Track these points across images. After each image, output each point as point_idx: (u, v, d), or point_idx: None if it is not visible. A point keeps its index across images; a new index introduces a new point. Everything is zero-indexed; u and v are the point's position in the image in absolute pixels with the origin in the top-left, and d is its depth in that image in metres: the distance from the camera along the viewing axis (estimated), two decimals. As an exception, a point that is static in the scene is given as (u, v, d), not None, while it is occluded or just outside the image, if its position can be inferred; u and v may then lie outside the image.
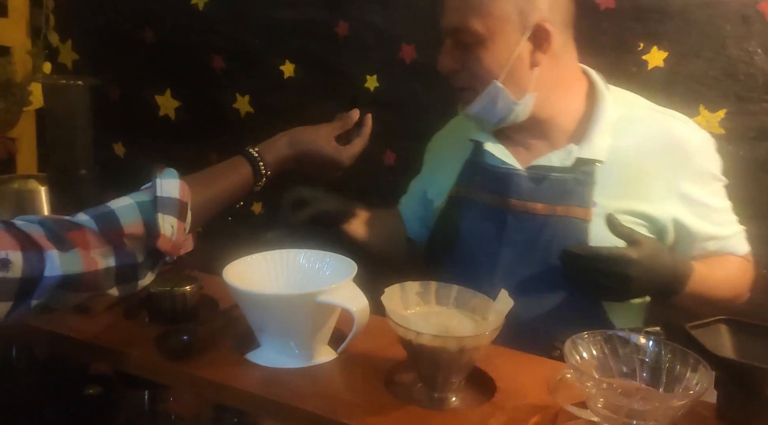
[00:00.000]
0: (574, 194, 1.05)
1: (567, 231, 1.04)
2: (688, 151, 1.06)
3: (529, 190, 1.08)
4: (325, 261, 0.92)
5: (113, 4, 1.82)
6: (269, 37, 1.70)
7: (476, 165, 1.15)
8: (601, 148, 1.05)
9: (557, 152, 1.08)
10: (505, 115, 1.08)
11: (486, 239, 1.10)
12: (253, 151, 0.92)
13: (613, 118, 1.07)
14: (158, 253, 0.75)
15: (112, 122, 1.86)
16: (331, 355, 0.87)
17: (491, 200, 1.11)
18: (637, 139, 1.06)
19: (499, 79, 1.04)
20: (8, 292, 0.65)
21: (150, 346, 0.84)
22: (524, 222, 1.07)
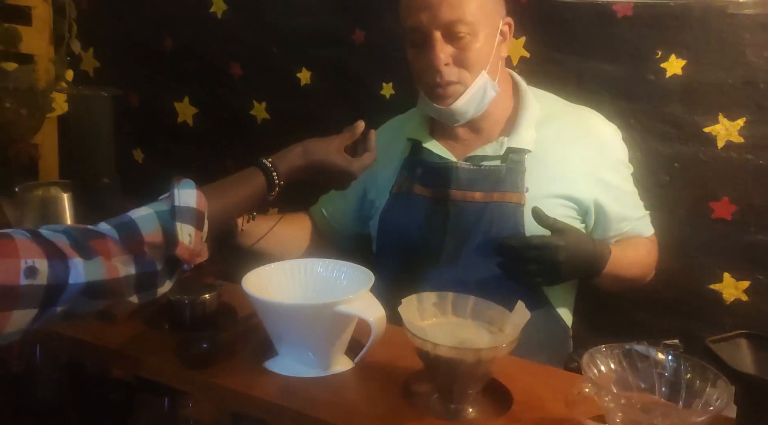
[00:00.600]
0: (507, 181, 1.15)
1: (504, 215, 1.14)
2: (602, 140, 1.19)
3: (467, 180, 1.17)
4: (342, 271, 0.93)
5: (134, 13, 1.84)
6: (286, 44, 1.71)
7: (415, 162, 1.24)
8: (528, 139, 1.17)
9: (491, 144, 1.19)
10: (484, 105, 1.16)
11: (430, 230, 1.18)
12: (267, 162, 0.94)
13: (536, 113, 1.19)
14: (176, 261, 0.77)
15: (132, 128, 1.89)
16: (348, 365, 0.87)
17: (432, 193, 1.20)
18: (558, 130, 1.18)
19: (485, 69, 1.13)
20: (35, 299, 0.66)
21: (170, 354, 0.85)
22: (465, 210, 1.16)
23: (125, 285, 0.74)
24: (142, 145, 1.97)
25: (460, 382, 0.77)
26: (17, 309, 0.65)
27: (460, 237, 1.16)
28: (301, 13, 1.67)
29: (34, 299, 0.66)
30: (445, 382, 0.78)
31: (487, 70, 1.13)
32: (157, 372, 0.86)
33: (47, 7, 1.70)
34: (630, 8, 1.34)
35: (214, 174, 1.91)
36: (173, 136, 1.89)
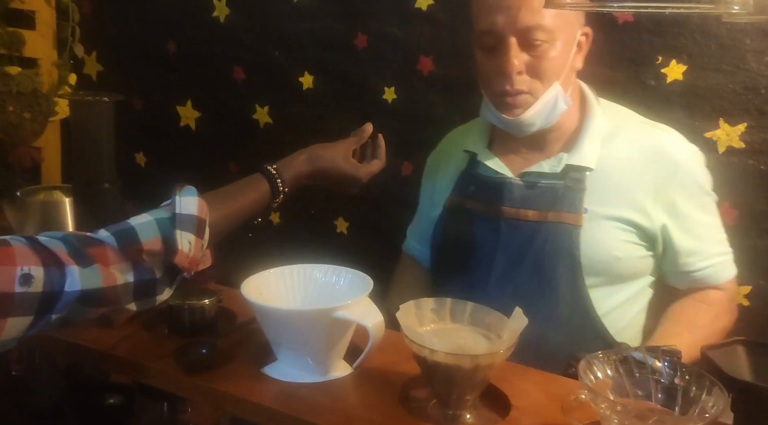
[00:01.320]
0: (564, 200, 1.07)
1: (558, 237, 1.06)
2: (677, 163, 1.08)
3: (521, 197, 1.10)
4: (341, 276, 0.93)
5: (137, 17, 1.85)
6: (289, 49, 1.72)
7: (470, 175, 1.18)
8: (590, 156, 1.08)
9: (548, 160, 1.11)
10: (553, 118, 1.08)
11: (481, 247, 1.13)
12: (271, 169, 0.93)
13: (603, 129, 1.10)
14: (176, 269, 0.77)
15: (134, 132, 1.90)
16: (346, 370, 0.88)
17: (485, 208, 1.14)
18: (627, 149, 1.09)
19: (559, 80, 1.05)
20: (30, 307, 0.66)
21: (169, 359, 0.86)
22: (517, 229, 1.10)
23: (123, 293, 0.73)
24: (145, 149, 1.98)
25: (458, 388, 0.77)
26: (12, 317, 0.65)
27: (511, 257, 1.10)
28: (304, 17, 1.67)
29: (29, 307, 0.66)
30: (443, 388, 0.78)
31: (560, 82, 1.06)
32: (156, 377, 0.86)
33: (51, 11, 1.72)
34: (630, 14, 1.34)
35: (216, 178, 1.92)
36: (176, 139, 1.90)
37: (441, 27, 1.55)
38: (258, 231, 0.95)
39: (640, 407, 0.70)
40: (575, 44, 1.07)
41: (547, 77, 1.04)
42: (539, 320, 1.03)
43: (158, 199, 0.87)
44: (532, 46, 1.02)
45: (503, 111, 1.08)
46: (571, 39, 1.06)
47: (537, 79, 1.05)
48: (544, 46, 1.02)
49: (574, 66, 1.09)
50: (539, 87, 1.05)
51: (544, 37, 1.02)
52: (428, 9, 1.55)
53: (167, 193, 0.84)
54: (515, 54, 1.02)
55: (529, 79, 1.05)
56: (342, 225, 1.76)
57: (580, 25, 1.08)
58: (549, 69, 1.04)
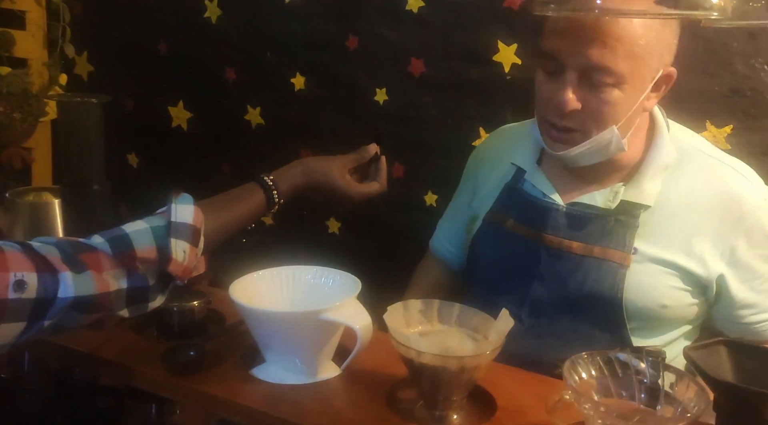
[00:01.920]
0: (613, 236, 0.99)
1: (602, 274, 0.99)
2: (744, 209, 0.98)
3: (567, 226, 1.02)
4: (330, 277, 0.93)
5: (128, 18, 1.85)
6: (281, 50, 1.72)
7: (516, 191, 1.09)
8: (650, 193, 0.99)
9: (603, 191, 1.02)
10: (602, 158, 0.98)
11: (517, 271, 1.06)
12: (267, 179, 0.92)
13: (668, 162, 1.00)
14: (169, 277, 0.77)
15: (126, 133, 1.90)
16: (334, 371, 0.88)
17: (526, 232, 1.06)
18: (690, 188, 0.99)
19: (618, 124, 0.94)
20: (23, 313, 0.66)
21: (157, 361, 0.86)
22: (558, 259, 1.02)
23: (116, 300, 0.73)
24: (137, 150, 1.98)
25: (445, 389, 0.78)
26: (5, 323, 0.65)
27: (548, 288, 1.03)
28: (296, 18, 1.68)
29: (22, 313, 0.66)
30: (430, 389, 0.79)
31: (620, 126, 0.94)
32: (145, 380, 0.87)
33: (41, 12, 1.71)
34: (619, 16, 1.35)
35: (208, 178, 1.92)
36: (168, 140, 1.90)
37: (432, 29, 1.55)
38: (250, 233, 0.95)
39: (623, 407, 0.71)
40: (651, 86, 0.95)
41: (605, 121, 0.94)
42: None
43: (150, 200, 0.87)
44: (595, 86, 0.91)
45: (546, 142, 1.00)
46: (646, 81, 0.94)
47: (592, 120, 0.94)
48: (609, 89, 0.91)
49: (644, 106, 0.97)
50: (593, 128, 0.94)
51: (611, 81, 0.90)
52: (419, 11, 1.55)
53: (159, 193, 0.84)
54: (573, 90, 0.92)
55: (584, 118, 0.94)
56: (334, 225, 1.77)
57: (663, 64, 0.95)
58: (609, 113, 0.93)
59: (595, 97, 0.92)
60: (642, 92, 0.94)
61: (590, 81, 0.92)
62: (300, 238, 1.75)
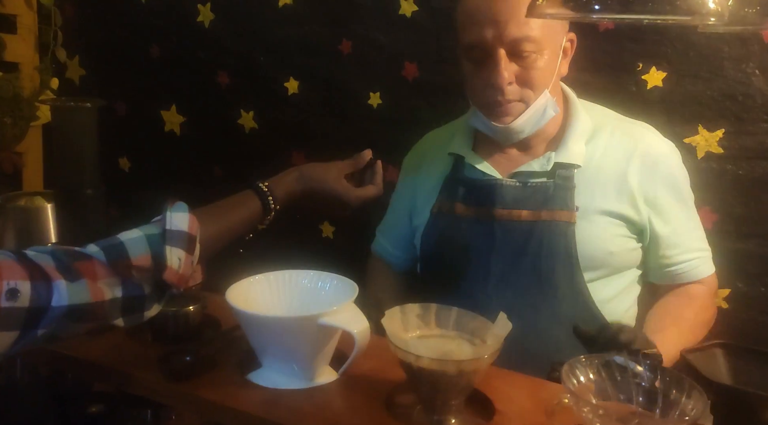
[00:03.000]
0: (556, 199, 1.09)
1: (554, 235, 1.08)
2: (656, 158, 1.11)
3: (513, 198, 1.11)
4: (327, 282, 0.93)
5: (121, 21, 1.84)
6: (274, 54, 1.72)
7: (457, 179, 1.18)
8: (577, 154, 1.10)
9: (537, 159, 1.13)
10: (542, 124, 1.10)
11: (475, 251, 1.12)
12: (263, 186, 0.92)
13: (587, 128, 1.13)
14: (165, 285, 0.76)
15: (118, 137, 1.89)
16: (332, 376, 0.88)
17: (476, 212, 1.14)
18: (609, 145, 1.12)
19: (548, 88, 1.08)
20: (16, 322, 0.66)
21: (153, 367, 0.85)
22: (511, 230, 1.10)
23: (111, 309, 0.73)
24: (129, 154, 1.96)
25: (443, 393, 0.78)
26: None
27: (507, 259, 1.10)
28: (289, 23, 1.68)
29: (15, 321, 0.65)
30: (428, 394, 0.79)
31: (549, 89, 1.08)
32: (140, 385, 0.86)
33: (32, 15, 1.70)
34: (611, 22, 1.36)
35: (201, 183, 1.92)
36: (160, 144, 1.89)
37: (425, 33, 1.56)
38: (248, 243, 0.94)
39: (621, 410, 0.71)
40: (561, 51, 1.10)
41: (537, 85, 1.06)
42: (542, 319, 1.08)
43: (142, 204, 0.86)
44: (521, 57, 1.04)
45: (494, 119, 1.09)
46: (558, 46, 1.08)
47: (528, 88, 1.06)
48: (533, 56, 1.04)
49: (561, 72, 1.12)
50: (530, 95, 1.07)
51: (533, 48, 1.03)
52: (412, 15, 1.56)
53: (151, 197, 0.83)
54: (505, 66, 1.04)
55: (520, 88, 1.06)
56: (328, 229, 1.76)
57: (564, 31, 1.10)
58: (539, 78, 1.06)
59: (524, 67, 1.05)
60: (557, 56, 1.09)
61: (517, 54, 1.04)
62: (294, 242, 1.74)
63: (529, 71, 1.05)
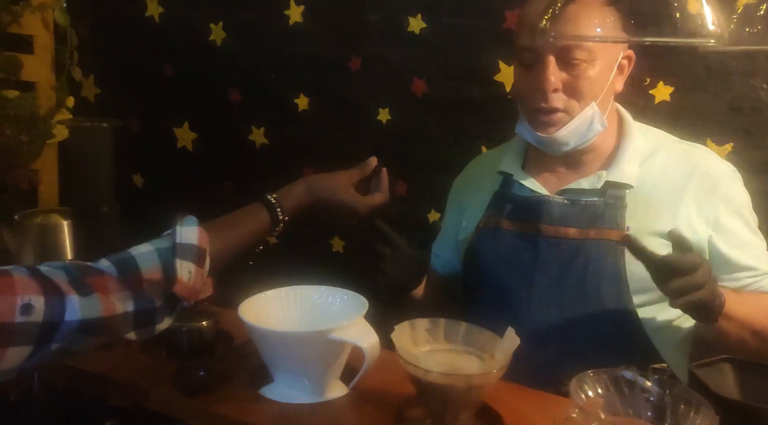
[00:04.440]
0: (606, 217, 1.06)
1: (602, 254, 1.04)
2: (715, 179, 1.06)
3: (560, 215, 1.08)
4: (337, 297, 0.94)
5: (135, 41, 1.88)
6: (284, 71, 1.75)
7: (505, 196, 1.16)
8: (630, 174, 1.07)
9: (587, 178, 1.10)
10: (588, 139, 1.07)
11: (519, 267, 1.10)
12: (271, 198, 0.94)
13: (641, 149, 1.10)
14: (176, 298, 0.78)
15: (132, 154, 1.91)
16: (342, 390, 0.89)
17: (522, 228, 1.11)
18: (666, 166, 1.08)
19: (596, 101, 1.05)
20: (30, 336, 0.67)
21: (166, 381, 0.87)
22: (558, 247, 1.07)
23: (123, 322, 0.74)
24: (142, 170, 1.99)
25: (452, 408, 0.78)
26: (12, 347, 0.66)
27: (552, 276, 1.07)
28: (299, 40, 1.71)
29: (29, 336, 0.67)
30: (438, 408, 0.79)
31: (598, 102, 1.05)
32: (154, 400, 0.87)
33: (49, 36, 1.74)
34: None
35: (212, 198, 1.93)
36: (173, 161, 1.92)
37: (433, 50, 1.58)
38: (258, 255, 0.95)
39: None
40: (616, 66, 1.06)
41: (584, 97, 1.04)
42: (587, 340, 1.04)
43: (155, 220, 0.88)
44: (571, 65, 1.02)
45: (537, 128, 1.07)
46: (612, 61, 1.05)
47: (574, 98, 1.04)
48: (583, 66, 1.02)
49: (614, 88, 1.08)
50: (576, 106, 1.05)
51: (584, 57, 1.01)
52: (421, 32, 1.58)
53: (164, 213, 0.85)
54: (553, 71, 1.02)
55: (566, 97, 1.04)
56: (338, 244, 1.78)
57: (622, 47, 1.07)
58: (586, 88, 1.03)
59: (573, 75, 1.03)
60: (610, 70, 1.05)
61: (566, 62, 1.02)
62: (304, 257, 1.76)
63: (578, 80, 1.03)
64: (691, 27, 0.50)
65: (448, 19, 1.56)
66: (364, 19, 1.63)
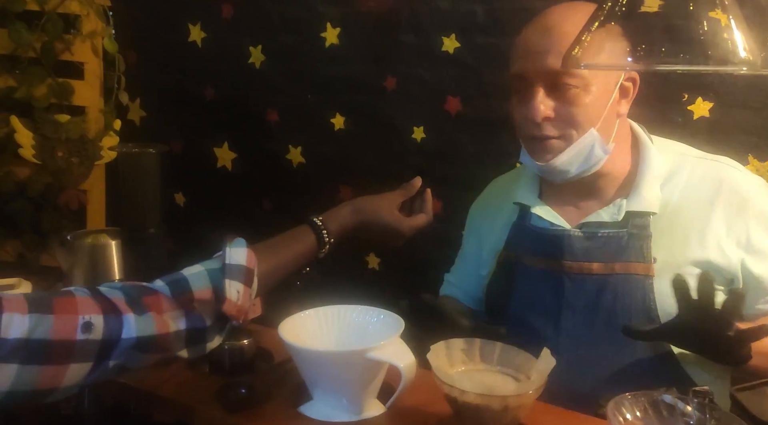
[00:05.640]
0: (631, 250, 1.01)
1: (629, 289, 1.00)
2: (744, 196, 1.01)
3: (582, 249, 1.04)
4: (374, 316, 0.96)
5: (178, 66, 1.95)
6: (321, 91, 1.79)
7: (523, 228, 1.12)
8: (651, 200, 1.02)
9: (606, 208, 1.06)
10: (591, 165, 1.03)
11: (543, 304, 1.07)
12: (317, 220, 0.96)
13: (660, 169, 1.05)
14: (225, 317, 0.81)
15: (174, 173, 1.98)
16: (380, 409, 0.90)
17: (544, 263, 1.08)
18: (689, 186, 1.03)
19: (595, 126, 1.00)
20: (90, 353, 0.71)
21: (210, 398, 0.89)
22: (582, 283, 1.03)
23: (175, 340, 0.77)
24: (184, 190, 2.06)
25: (489, 429, 0.79)
26: (74, 363, 0.70)
27: (578, 314, 1.03)
28: (335, 62, 1.74)
29: (89, 353, 0.71)
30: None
31: (597, 128, 1.00)
32: (199, 417, 0.90)
33: (98, 62, 1.82)
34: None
35: (251, 216, 1.97)
36: (213, 180, 1.98)
37: (468, 69, 1.59)
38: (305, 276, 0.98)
39: (669, 449, 0.71)
40: (616, 89, 1.02)
41: (580, 124, 1.00)
42: (621, 379, 0.99)
43: (197, 237, 0.91)
44: (562, 92, 0.99)
45: (535, 156, 1.05)
46: (611, 85, 1.01)
47: (570, 125, 1.00)
48: (575, 92, 0.98)
49: (617, 111, 1.03)
50: (573, 133, 1.01)
51: (576, 83, 0.98)
52: (455, 52, 1.60)
53: (205, 231, 0.88)
54: (542, 100, 0.99)
55: (560, 124, 1.01)
56: (374, 261, 1.80)
57: (618, 74, 1.02)
58: (581, 115, 0.99)
59: (564, 101, 0.99)
60: (609, 94, 1.01)
61: (557, 88, 0.99)
62: (340, 274, 1.78)
63: (570, 107, 0.99)
64: (721, 54, 0.51)
65: (482, 38, 1.57)
66: (399, 40, 1.66)
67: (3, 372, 0.65)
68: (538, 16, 1.04)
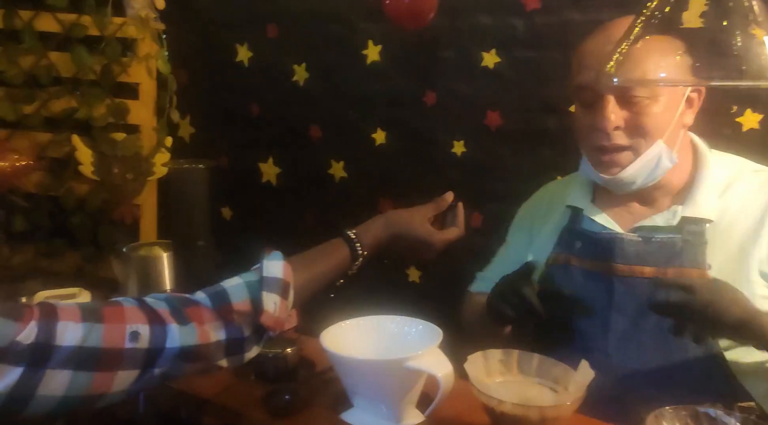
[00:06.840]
0: (684, 255, 1.01)
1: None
2: None
3: (634, 253, 1.04)
4: (413, 326, 0.98)
5: (225, 84, 2.03)
6: (362, 107, 1.83)
7: (574, 231, 1.13)
8: (708, 208, 1.03)
9: (662, 214, 1.06)
10: (656, 176, 1.04)
11: (594, 307, 1.07)
12: (351, 233, 0.98)
13: (718, 180, 1.05)
14: (263, 328, 0.84)
15: (221, 188, 2.05)
16: (418, 418, 0.92)
17: (595, 266, 1.08)
18: (746, 197, 1.03)
19: (663, 137, 1.01)
20: (136, 361, 0.75)
21: (255, 404, 0.93)
22: (633, 287, 1.04)
23: (215, 350, 0.81)
24: (230, 204, 2.13)
25: (526, 439, 0.79)
26: (121, 370, 0.73)
27: (629, 317, 1.03)
28: (376, 78, 1.78)
29: (136, 361, 0.74)
30: (512, 439, 0.81)
31: (665, 139, 1.01)
32: (244, 421, 0.94)
33: (152, 83, 1.91)
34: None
35: (294, 229, 2.02)
36: (258, 194, 2.04)
37: (508, 83, 1.61)
38: (339, 288, 1.00)
39: (710, 464, 0.70)
40: (684, 101, 1.03)
41: (650, 134, 1.01)
42: (671, 385, 0.99)
43: (242, 250, 0.95)
44: (632, 103, 0.99)
45: (600, 169, 1.06)
46: (679, 96, 1.02)
47: (638, 135, 1.01)
48: (645, 102, 0.99)
49: (683, 122, 1.05)
50: (642, 143, 1.01)
51: (646, 93, 0.98)
52: (495, 67, 1.61)
53: (250, 243, 0.91)
54: (613, 109, 1.00)
55: (629, 135, 1.02)
56: (414, 274, 1.82)
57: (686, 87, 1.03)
58: (651, 126, 1.00)
59: (635, 113, 1.00)
60: (677, 105, 1.01)
61: (628, 100, 0.99)
62: (381, 286, 1.81)
63: (640, 117, 1.00)
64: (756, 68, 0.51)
65: (521, 52, 1.59)
66: (439, 55, 1.68)
67: (59, 379, 0.69)
68: (603, 27, 1.04)
